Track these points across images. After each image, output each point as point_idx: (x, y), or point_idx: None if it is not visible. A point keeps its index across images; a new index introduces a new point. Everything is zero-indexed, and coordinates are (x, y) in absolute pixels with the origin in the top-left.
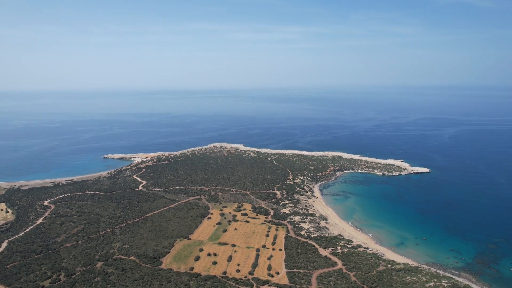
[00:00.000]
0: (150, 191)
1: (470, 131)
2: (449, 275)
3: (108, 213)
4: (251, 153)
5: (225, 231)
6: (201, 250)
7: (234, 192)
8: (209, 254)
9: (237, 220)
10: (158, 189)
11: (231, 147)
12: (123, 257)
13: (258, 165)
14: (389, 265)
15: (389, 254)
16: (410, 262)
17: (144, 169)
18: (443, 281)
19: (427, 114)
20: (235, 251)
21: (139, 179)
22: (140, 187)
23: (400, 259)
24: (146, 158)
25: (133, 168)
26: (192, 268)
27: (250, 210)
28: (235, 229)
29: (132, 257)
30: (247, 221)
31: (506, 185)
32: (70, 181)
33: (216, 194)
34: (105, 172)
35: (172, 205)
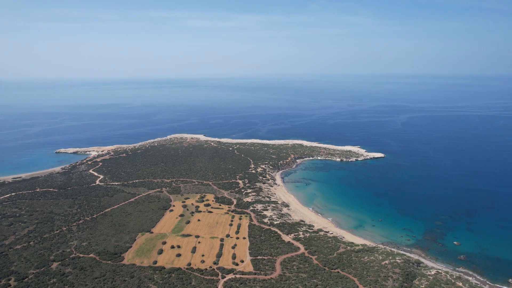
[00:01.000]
0: (108, 185)
1: (420, 118)
2: (402, 252)
3: (63, 210)
4: (212, 143)
5: (188, 222)
6: (164, 243)
7: (196, 183)
8: (172, 247)
9: (200, 211)
10: (116, 183)
11: (192, 138)
12: (81, 255)
13: (220, 155)
14: (348, 247)
15: (348, 237)
16: (367, 242)
17: (101, 163)
18: (397, 258)
19: (381, 102)
20: (199, 242)
21: (96, 174)
22: (97, 182)
23: (358, 240)
24: (102, 151)
25: (89, 162)
26: (155, 262)
27: (213, 201)
28: (199, 220)
29: (91, 255)
30: (210, 212)
31: (450, 167)
32: (17, 179)
33: (178, 186)
34: (58, 168)
35: (132, 199)
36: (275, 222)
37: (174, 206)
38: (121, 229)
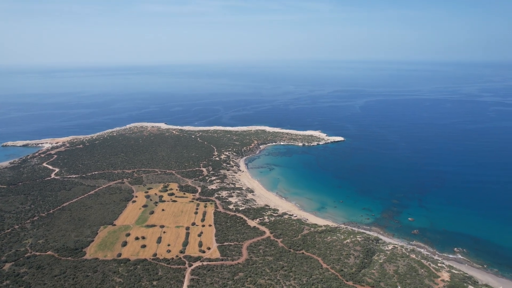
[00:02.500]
0: (65, 178)
1: (377, 102)
2: (362, 230)
3: (14, 207)
4: (174, 132)
5: (152, 213)
6: (128, 235)
7: (159, 172)
8: (137, 238)
9: (164, 201)
10: (74, 176)
11: (152, 126)
12: (37, 253)
13: (182, 143)
14: (312, 229)
15: (312, 219)
16: (330, 223)
17: (55, 155)
18: (357, 236)
19: (340, 87)
20: (164, 232)
21: (50, 167)
22: (52, 176)
23: (321, 221)
24: (57, 143)
25: (42, 155)
26: (120, 255)
27: (177, 190)
28: (163, 209)
29: (49, 252)
30: (174, 201)
31: (406, 149)
32: None
33: (140, 176)
34: (5, 162)
35: (92, 192)
36: (241, 208)
37: (136, 197)
38: (81, 223)
